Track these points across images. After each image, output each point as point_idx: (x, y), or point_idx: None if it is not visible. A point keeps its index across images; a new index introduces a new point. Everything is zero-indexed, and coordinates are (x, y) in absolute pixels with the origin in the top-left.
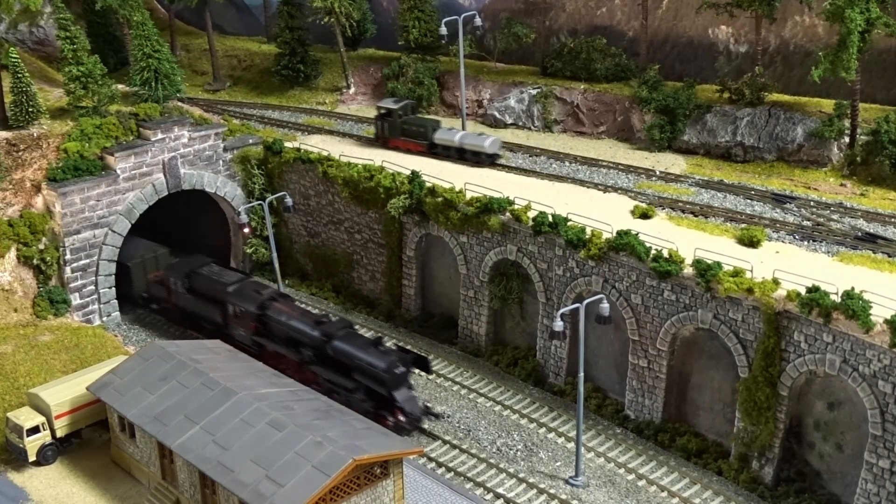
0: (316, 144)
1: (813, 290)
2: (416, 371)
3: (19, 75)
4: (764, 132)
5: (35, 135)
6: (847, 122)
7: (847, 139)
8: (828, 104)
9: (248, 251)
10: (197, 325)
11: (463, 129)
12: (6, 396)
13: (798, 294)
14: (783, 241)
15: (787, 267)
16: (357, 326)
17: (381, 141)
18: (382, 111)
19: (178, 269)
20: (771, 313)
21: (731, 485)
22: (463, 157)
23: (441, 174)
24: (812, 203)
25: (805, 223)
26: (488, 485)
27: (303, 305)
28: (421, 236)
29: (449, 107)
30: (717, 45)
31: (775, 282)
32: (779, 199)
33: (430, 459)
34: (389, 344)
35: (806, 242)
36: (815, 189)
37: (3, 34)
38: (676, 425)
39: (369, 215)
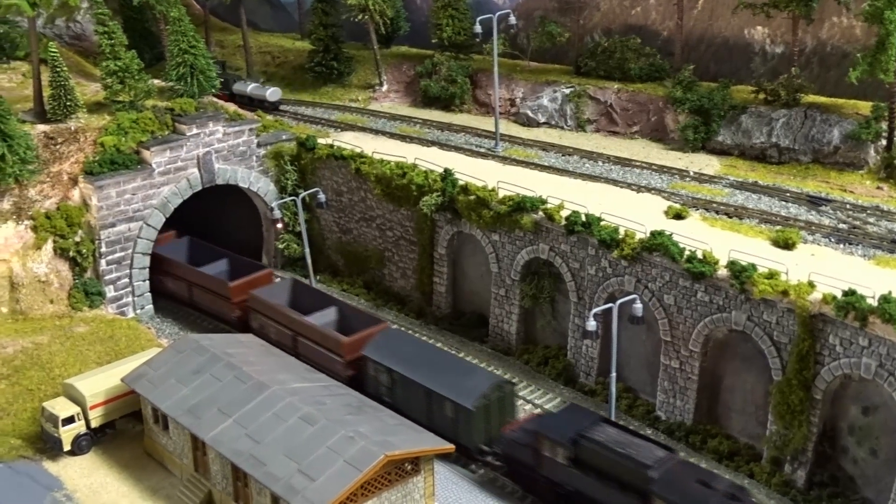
0: (349, 141)
1: (849, 293)
2: None
3: (58, 70)
4: (799, 134)
5: (72, 128)
6: (884, 125)
7: (884, 142)
8: (865, 106)
9: (280, 247)
10: None
11: (495, 129)
12: (42, 386)
13: (834, 297)
14: (819, 244)
15: (823, 270)
16: (389, 323)
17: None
18: None
19: (555, 430)
20: (806, 316)
21: (763, 488)
22: (252, 104)
23: (474, 172)
24: (848, 206)
25: (841, 226)
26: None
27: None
28: (453, 234)
29: (482, 105)
30: (753, 46)
31: (811, 284)
32: (814, 202)
33: (462, 456)
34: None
35: (842, 245)
36: (851, 192)
37: (41, 29)
38: (708, 427)
39: (401, 212)
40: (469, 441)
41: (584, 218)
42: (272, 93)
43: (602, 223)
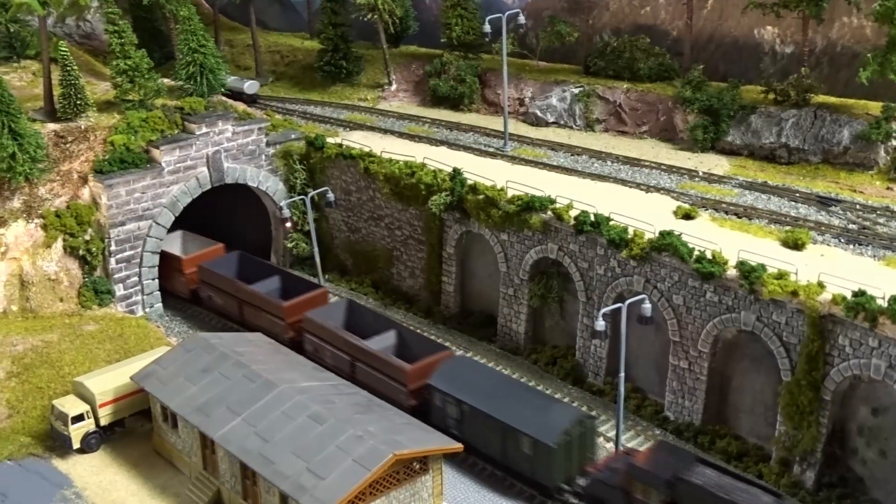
0: (357, 140)
1: (859, 293)
2: None
3: (68, 68)
4: (809, 134)
5: (83, 127)
6: (894, 125)
7: (894, 142)
8: (875, 106)
9: (289, 246)
10: None
11: (504, 129)
12: (52, 384)
13: (843, 297)
14: (828, 244)
15: (833, 270)
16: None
17: None
18: None
19: (648, 471)
20: (815, 316)
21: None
22: (233, 96)
23: (483, 172)
24: (858, 206)
25: (851, 226)
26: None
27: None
28: (461, 233)
29: (490, 104)
30: (763, 46)
31: (820, 285)
32: (824, 202)
33: (470, 455)
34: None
35: (852, 246)
36: (861, 192)
37: (52, 28)
38: (717, 428)
39: (410, 212)
40: (548, 479)
41: (592, 218)
42: (249, 86)
43: (611, 223)
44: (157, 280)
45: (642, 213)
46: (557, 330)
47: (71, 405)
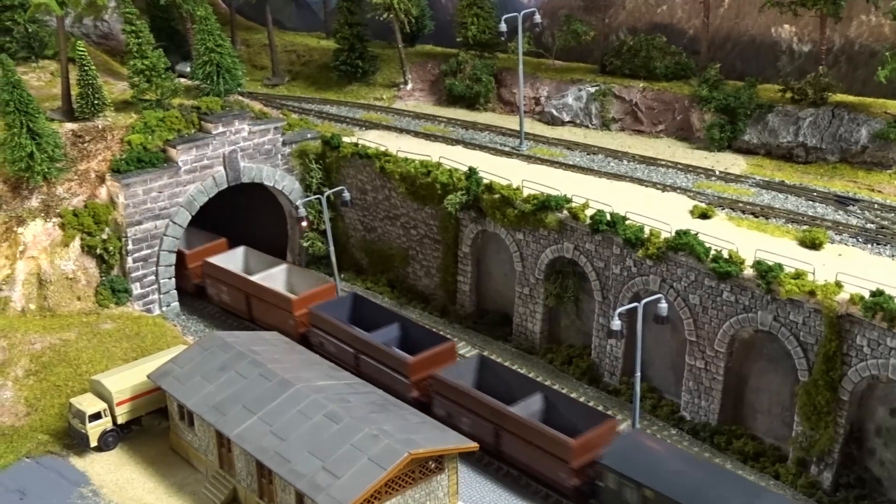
0: (373, 140)
1: (877, 293)
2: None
3: (86, 68)
4: (827, 133)
5: (100, 127)
6: None
7: None
8: (893, 105)
9: (305, 244)
10: None
11: (520, 128)
12: (69, 382)
13: (861, 297)
14: (846, 244)
15: (850, 270)
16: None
17: None
18: None
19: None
20: (833, 316)
21: (789, 489)
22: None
23: (499, 171)
24: (876, 205)
25: (869, 226)
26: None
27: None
28: (477, 233)
29: (506, 104)
30: (780, 45)
31: (838, 284)
32: (842, 201)
33: (485, 455)
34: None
35: (870, 245)
36: (879, 191)
37: (70, 28)
38: (733, 428)
39: (426, 211)
40: None
41: (608, 217)
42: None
43: (627, 222)
44: (173, 279)
45: (658, 212)
46: (573, 329)
47: (88, 403)
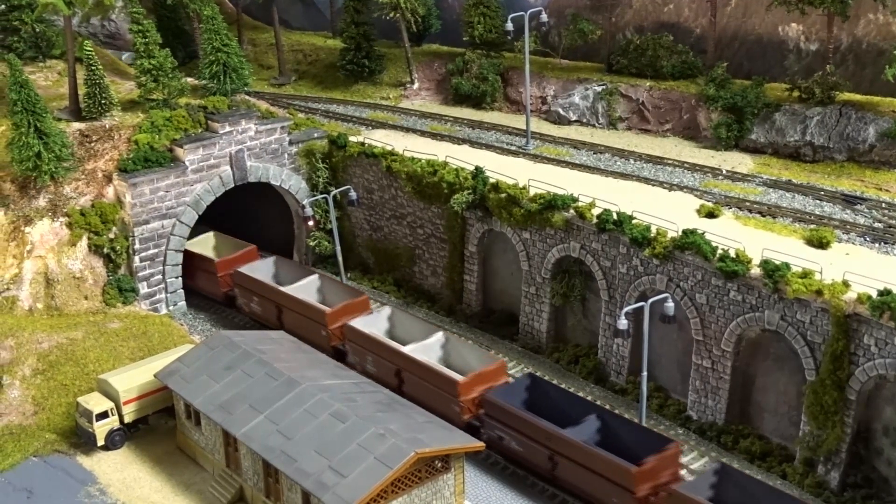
0: (380, 139)
1: (884, 292)
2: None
3: (93, 68)
4: (834, 132)
5: (107, 126)
6: None
7: None
8: None
9: (311, 244)
10: None
11: (527, 127)
12: (76, 382)
13: (869, 297)
14: (853, 243)
15: (858, 269)
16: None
17: None
18: None
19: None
20: (840, 316)
21: (796, 489)
22: None
23: (505, 170)
24: (883, 205)
25: (876, 225)
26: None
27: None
28: (483, 232)
29: (513, 103)
30: (787, 43)
31: (845, 284)
32: (849, 201)
33: (492, 454)
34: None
35: (877, 244)
36: (887, 190)
37: (77, 28)
38: (740, 427)
39: (432, 210)
40: None
41: (615, 216)
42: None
43: (634, 221)
44: (180, 278)
45: (665, 211)
46: (580, 329)
47: (95, 402)
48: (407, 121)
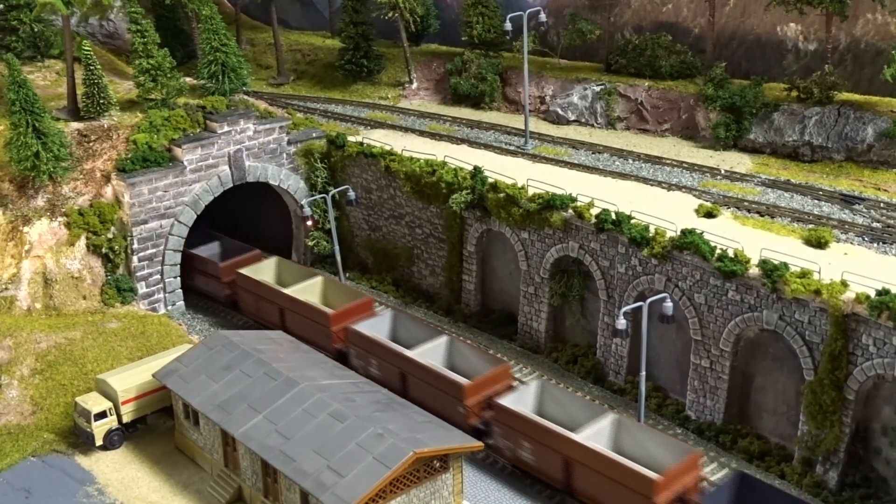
0: (378, 139)
1: (883, 292)
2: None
3: (91, 68)
4: (833, 132)
5: (105, 126)
6: None
7: None
8: None
9: (310, 244)
10: None
11: (525, 127)
12: (75, 381)
13: (867, 296)
14: (852, 243)
15: (856, 269)
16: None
17: None
18: None
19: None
20: (839, 315)
21: (795, 489)
22: None
23: (504, 170)
24: (882, 204)
25: (875, 225)
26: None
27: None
28: (482, 232)
29: (511, 103)
30: (786, 43)
31: (844, 284)
32: (847, 200)
33: (490, 454)
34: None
35: (876, 244)
36: (885, 190)
37: (75, 27)
38: (738, 427)
39: (431, 210)
40: None
41: (614, 216)
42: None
43: (632, 221)
44: (178, 278)
45: (664, 211)
46: (578, 328)
47: (94, 402)
48: (405, 120)
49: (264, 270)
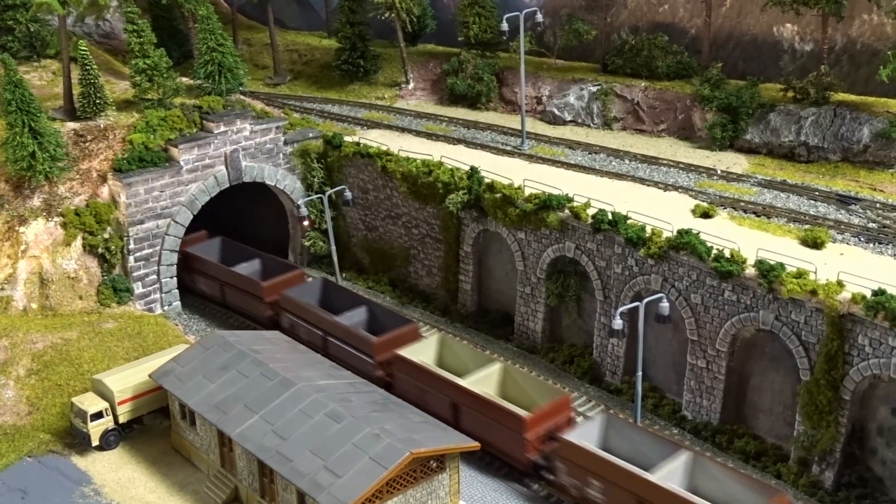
0: (375, 139)
1: (879, 293)
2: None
3: (88, 68)
4: (829, 132)
5: (102, 126)
6: None
7: None
8: (895, 104)
9: (307, 244)
10: None
11: (522, 127)
12: (71, 382)
13: (863, 297)
14: (848, 243)
15: (852, 269)
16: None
17: None
18: None
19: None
20: (835, 316)
21: (791, 489)
22: None
23: (500, 170)
24: (878, 205)
25: (870, 225)
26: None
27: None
28: (478, 232)
29: (508, 103)
30: (782, 44)
31: (840, 284)
32: (843, 201)
33: (487, 454)
34: None
35: (871, 244)
36: (881, 191)
37: (71, 27)
38: (735, 427)
39: (427, 210)
40: None
41: (610, 216)
42: None
43: (629, 221)
44: (175, 278)
45: (660, 211)
46: (575, 329)
47: (90, 402)
48: (402, 121)
49: (423, 351)
